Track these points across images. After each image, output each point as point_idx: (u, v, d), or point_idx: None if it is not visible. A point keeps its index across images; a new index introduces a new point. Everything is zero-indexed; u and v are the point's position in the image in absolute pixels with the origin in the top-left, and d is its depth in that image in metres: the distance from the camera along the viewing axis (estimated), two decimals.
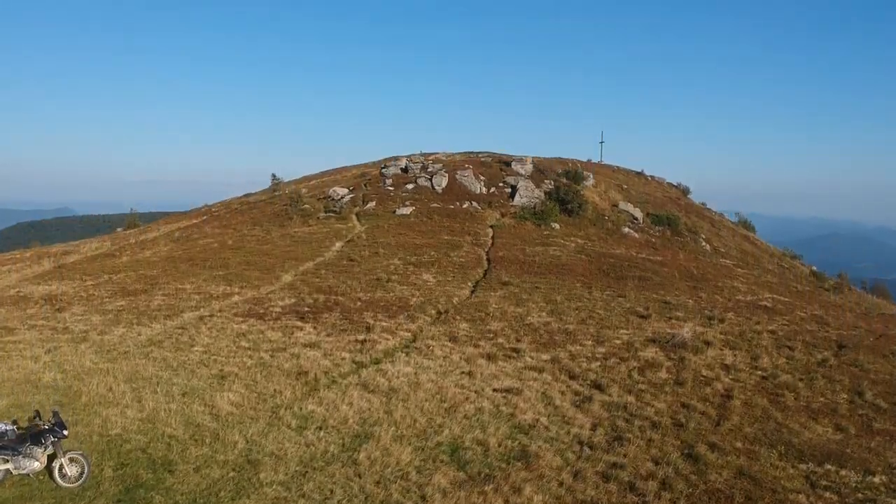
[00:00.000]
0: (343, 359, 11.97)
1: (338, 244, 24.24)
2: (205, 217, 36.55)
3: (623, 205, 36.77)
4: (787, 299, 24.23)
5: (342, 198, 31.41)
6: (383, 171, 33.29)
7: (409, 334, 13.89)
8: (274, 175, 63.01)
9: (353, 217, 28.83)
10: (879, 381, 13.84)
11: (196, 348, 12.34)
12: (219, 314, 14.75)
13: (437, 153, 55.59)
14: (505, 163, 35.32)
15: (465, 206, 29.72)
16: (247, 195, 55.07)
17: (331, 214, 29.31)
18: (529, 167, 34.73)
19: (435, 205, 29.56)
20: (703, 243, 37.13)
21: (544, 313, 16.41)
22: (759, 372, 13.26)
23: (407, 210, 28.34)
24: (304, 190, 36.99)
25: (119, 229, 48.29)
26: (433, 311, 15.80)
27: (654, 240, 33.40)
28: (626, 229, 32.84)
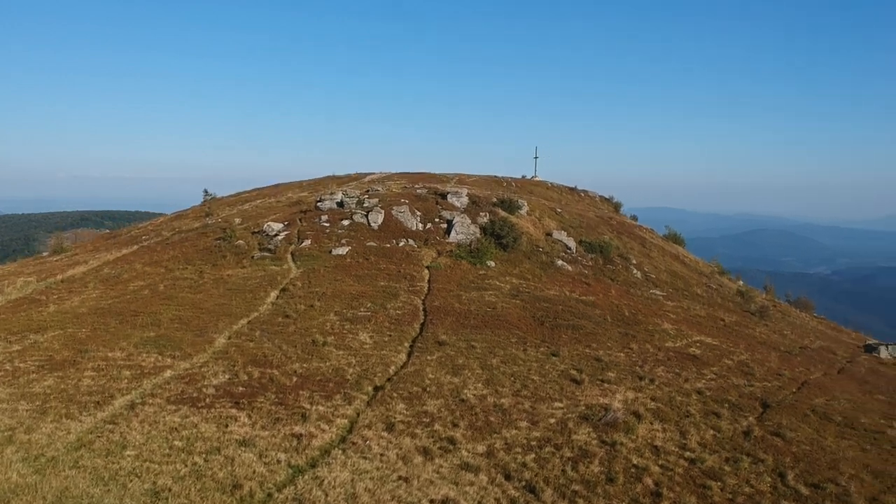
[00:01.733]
0: (279, 462, 11.91)
1: (273, 294, 24.01)
2: (135, 248, 35.73)
3: (557, 233, 37.30)
4: (714, 342, 24.97)
5: (277, 234, 31.11)
6: (319, 204, 33.08)
7: (346, 421, 13.89)
8: (206, 191, 61.92)
9: (289, 257, 28.59)
10: (801, 455, 14.41)
11: (128, 451, 12.10)
12: (151, 400, 14.49)
13: (373, 173, 55.51)
14: (441, 195, 35.48)
15: (401, 244, 29.78)
16: (178, 214, 54.05)
17: (266, 254, 29.01)
18: (465, 200, 34.97)
19: (371, 243, 29.52)
20: (635, 270, 37.92)
21: (480, 384, 16.60)
22: (688, 454, 13.67)
23: (343, 250, 28.25)
24: (237, 220, 36.47)
25: (45, 253, 46.84)
26: (370, 388, 15.81)
27: (586, 271, 34.01)
28: (560, 262, 33.36)
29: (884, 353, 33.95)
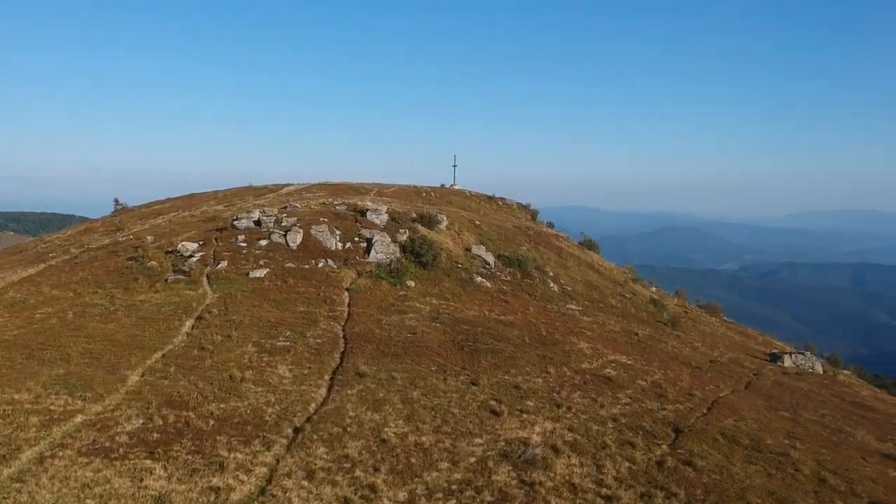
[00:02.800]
0: None
1: (188, 323, 23.44)
2: (42, 267, 34.34)
3: (476, 248, 37.64)
4: (628, 361, 25.63)
5: (192, 255, 30.39)
6: (235, 223, 32.46)
7: (266, 469, 13.70)
8: (116, 200, 59.95)
9: (205, 281, 27.96)
10: (711, 485, 14.95)
11: None
12: (61, 452, 13.97)
13: (291, 185, 54.82)
14: (360, 212, 35.33)
15: (320, 265, 29.52)
16: (88, 227, 52.15)
17: (180, 276, 28.30)
18: (384, 217, 34.92)
19: (290, 264, 29.17)
20: (551, 284, 38.57)
21: (401, 420, 16.63)
22: (605, 490, 14.02)
23: (261, 273, 27.82)
24: (149, 238, 35.46)
25: None
26: (289, 430, 15.63)
27: (505, 287, 34.42)
28: (479, 278, 33.67)
29: (788, 361, 35.53)
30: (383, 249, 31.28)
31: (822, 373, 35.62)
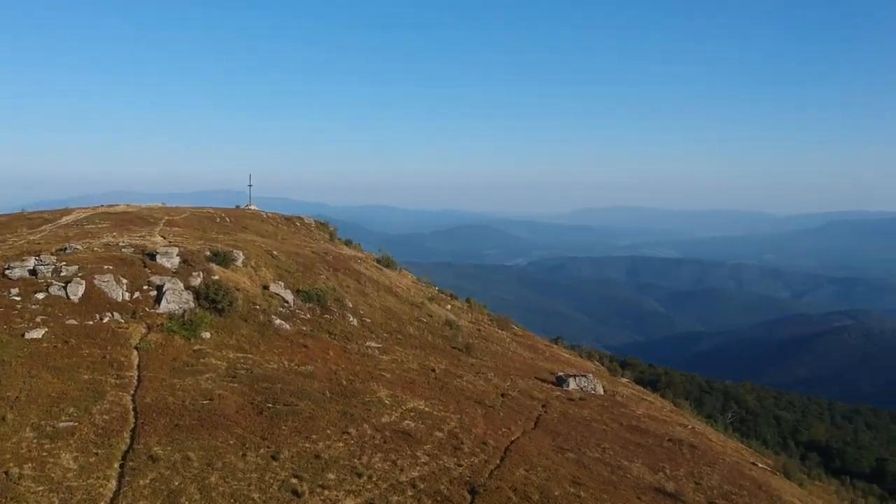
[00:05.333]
0: None
1: None
2: None
3: (274, 286, 37.13)
4: (426, 407, 26.44)
5: None
6: (8, 272, 29.74)
7: None
8: None
9: None
10: None
11: None
12: None
13: (71, 211, 51.08)
14: (149, 255, 33.63)
15: (106, 319, 27.82)
16: None
17: None
18: (176, 260, 33.49)
19: (72, 321, 27.22)
20: (351, 317, 38.85)
21: None
22: None
23: (38, 333, 25.76)
24: None
25: None
26: None
27: (304, 328, 34.25)
28: (278, 320, 33.26)
29: (573, 384, 38.12)
30: (175, 298, 30.03)
31: (602, 394, 38.53)
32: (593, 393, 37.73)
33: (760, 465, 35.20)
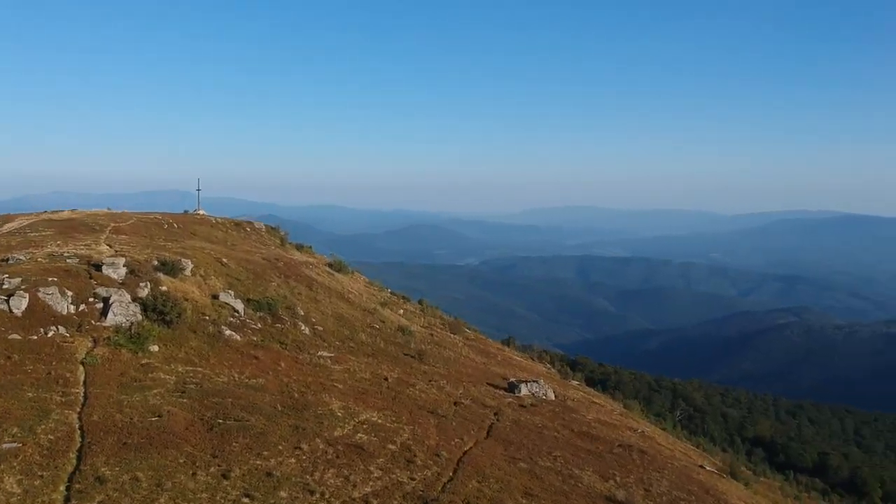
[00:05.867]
0: None
1: None
2: None
3: (224, 295, 36.69)
4: (379, 419, 26.40)
5: None
6: None
7: None
8: None
9: None
10: None
11: None
12: None
13: (13, 218, 49.80)
14: (95, 266, 32.93)
15: (50, 333, 27.16)
16: None
17: None
18: (123, 271, 32.87)
19: (15, 335, 26.49)
20: (302, 326, 38.60)
21: None
22: None
23: None
24: None
25: None
26: None
27: (255, 338, 33.91)
28: (228, 331, 32.88)
29: (524, 390, 38.43)
30: (122, 311, 29.48)
31: (554, 399, 38.94)
32: (545, 398, 38.09)
33: (708, 468, 35.95)
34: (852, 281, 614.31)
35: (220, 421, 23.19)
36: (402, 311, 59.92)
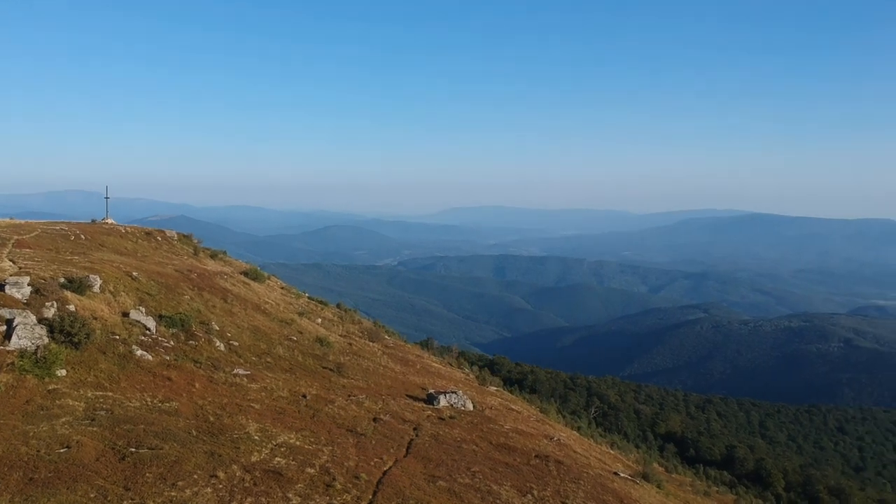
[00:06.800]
0: None
1: None
2: None
3: (135, 312, 35.71)
4: (297, 441, 26.19)
5: None
6: None
7: None
8: None
9: None
10: None
11: None
12: None
13: None
14: None
15: None
16: None
17: None
18: (27, 290, 31.60)
19: None
20: (217, 342, 37.96)
21: None
22: None
23: None
24: None
25: None
26: None
27: (168, 357, 33.12)
28: (140, 351, 32.03)
29: (443, 401, 38.74)
30: (27, 333, 28.34)
31: (472, 409, 39.35)
32: (463, 409, 38.45)
33: (622, 475, 36.96)
34: (756, 277, 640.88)
35: (133, 450, 22.61)
36: (319, 319, 59.49)
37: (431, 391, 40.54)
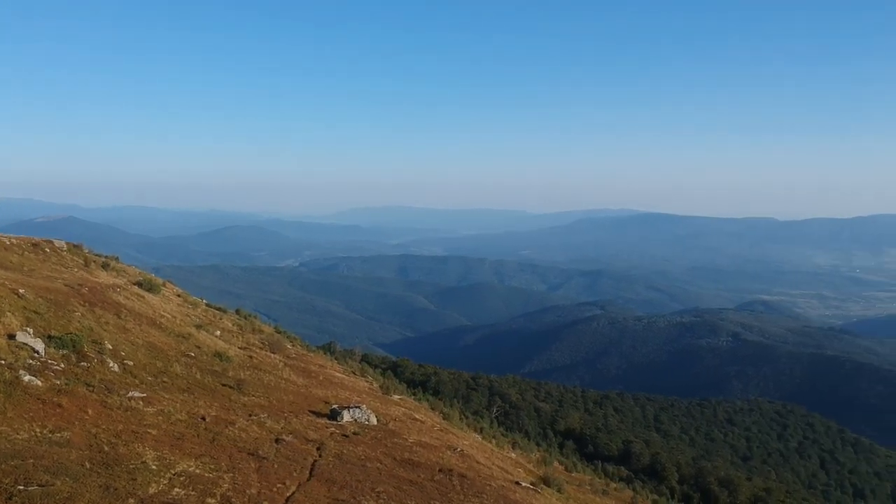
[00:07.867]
0: None
1: None
2: None
3: (22, 334, 34.05)
4: (196, 469, 25.54)
5: None
6: None
7: None
8: None
9: None
10: None
11: None
12: None
13: None
14: None
15: None
16: None
17: None
18: None
19: None
20: (111, 362, 36.68)
21: None
22: None
23: None
24: None
25: None
26: None
27: (59, 382, 31.69)
28: (28, 376, 30.55)
29: (346, 416, 38.63)
30: None
31: (376, 423, 39.41)
32: (367, 424, 38.44)
33: (524, 485, 37.77)
34: (650, 275, 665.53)
35: (21, 487, 21.59)
36: (218, 332, 58.20)
37: (335, 406, 40.34)
